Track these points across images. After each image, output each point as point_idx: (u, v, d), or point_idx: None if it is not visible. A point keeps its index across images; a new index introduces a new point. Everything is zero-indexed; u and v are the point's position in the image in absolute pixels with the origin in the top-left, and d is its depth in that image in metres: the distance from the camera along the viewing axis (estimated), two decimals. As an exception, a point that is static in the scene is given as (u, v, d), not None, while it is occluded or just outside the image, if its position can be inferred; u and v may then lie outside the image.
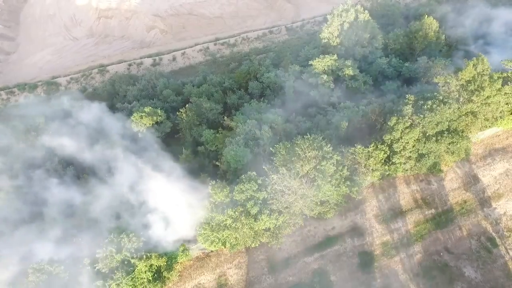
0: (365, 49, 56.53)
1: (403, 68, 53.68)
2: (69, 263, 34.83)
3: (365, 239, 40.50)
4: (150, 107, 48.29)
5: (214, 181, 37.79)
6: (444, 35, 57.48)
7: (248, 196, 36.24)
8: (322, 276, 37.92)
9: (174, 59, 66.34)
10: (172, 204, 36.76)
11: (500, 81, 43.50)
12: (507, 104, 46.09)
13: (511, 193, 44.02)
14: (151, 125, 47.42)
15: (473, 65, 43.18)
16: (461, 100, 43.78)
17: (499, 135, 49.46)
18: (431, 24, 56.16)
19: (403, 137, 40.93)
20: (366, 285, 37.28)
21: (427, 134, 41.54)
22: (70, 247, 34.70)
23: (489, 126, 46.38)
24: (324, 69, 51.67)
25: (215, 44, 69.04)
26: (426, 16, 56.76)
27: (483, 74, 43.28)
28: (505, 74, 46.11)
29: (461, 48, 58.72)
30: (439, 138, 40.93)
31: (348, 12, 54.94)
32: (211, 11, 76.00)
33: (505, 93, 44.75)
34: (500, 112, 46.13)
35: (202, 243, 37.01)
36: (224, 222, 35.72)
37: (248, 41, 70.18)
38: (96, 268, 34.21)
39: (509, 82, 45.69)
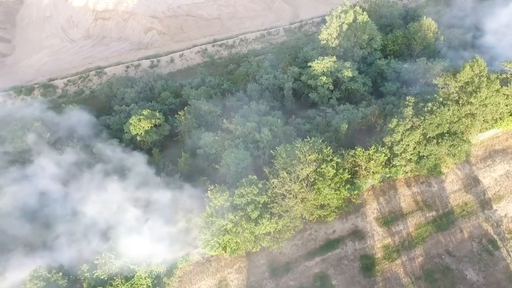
0: (364, 51, 56.34)
1: (402, 70, 53.44)
2: (68, 270, 34.43)
3: (366, 243, 40.22)
4: (149, 110, 47.84)
5: (213, 185, 37.47)
6: (442, 36, 57.41)
7: (249, 200, 35.89)
8: (323, 280, 37.60)
9: (172, 60, 65.88)
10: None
11: (498, 81, 43.35)
12: (506, 105, 46.02)
13: (512, 194, 43.96)
14: (149, 128, 46.98)
15: (470, 66, 43.05)
16: (460, 102, 43.65)
17: (498, 136, 49.36)
18: (429, 25, 56.07)
19: (403, 139, 40.71)
20: (368, 289, 37.05)
21: (428, 136, 41.33)
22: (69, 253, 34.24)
23: (489, 128, 46.29)
24: (323, 70, 51.36)
25: (213, 46, 68.66)
26: (425, 17, 56.67)
27: (481, 75, 43.17)
28: (504, 75, 46.05)
29: (459, 48, 58.69)
30: (439, 140, 40.72)
31: (347, 13, 54.67)
32: (209, 12, 75.60)
33: (504, 94, 44.67)
34: (500, 113, 46.03)
35: (202, 248, 36.63)
36: (225, 227, 35.34)
37: (246, 42, 69.84)
38: (95, 274, 33.75)
39: (508, 84, 45.65)
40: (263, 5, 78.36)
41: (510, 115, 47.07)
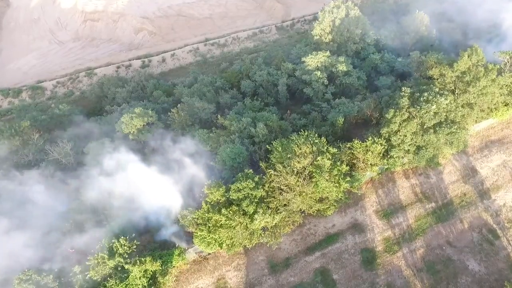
0: (357, 45, 56.18)
1: (396, 63, 53.34)
2: (58, 272, 33.01)
3: (367, 236, 39.47)
4: (141, 108, 46.77)
5: (209, 180, 36.55)
6: (435, 29, 57.49)
7: (245, 195, 34.98)
8: (324, 275, 36.69)
9: (163, 60, 65.06)
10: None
11: (495, 71, 43.32)
12: (501, 95, 46.02)
13: (510, 184, 43.60)
14: (142, 126, 45.88)
15: (468, 56, 42.96)
16: (457, 91, 43.46)
17: (494, 127, 49.25)
18: (422, 19, 56.17)
19: (401, 130, 40.26)
20: (370, 282, 36.16)
21: (425, 126, 40.94)
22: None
23: (486, 117, 46.17)
24: (317, 65, 50.93)
25: (205, 45, 68.06)
26: (417, 11, 56.73)
27: (478, 64, 43.09)
28: (498, 66, 46.03)
29: (452, 41, 58.72)
30: (437, 129, 40.33)
31: (339, 9, 54.57)
32: (200, 12, 75.12)
33: (498, 84, 44.63)
34: (495, 103, 45.98)
35: (198, 245, 35.54)
36: (220, 222, 34.33)
37: (238, 41, 69.36)
38: (88, 276, 32.40)
39: (502, 73, 45.67)
40: (255, 4, 78.13)
41: (505, 105, 47.10)
